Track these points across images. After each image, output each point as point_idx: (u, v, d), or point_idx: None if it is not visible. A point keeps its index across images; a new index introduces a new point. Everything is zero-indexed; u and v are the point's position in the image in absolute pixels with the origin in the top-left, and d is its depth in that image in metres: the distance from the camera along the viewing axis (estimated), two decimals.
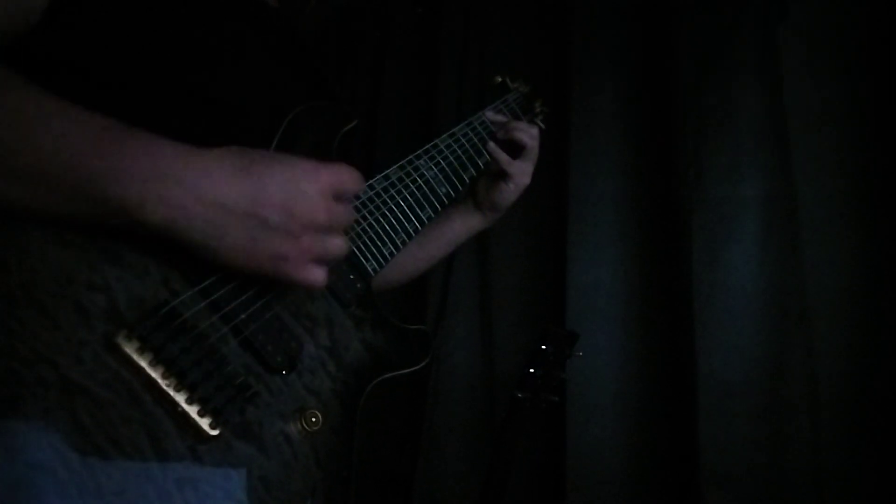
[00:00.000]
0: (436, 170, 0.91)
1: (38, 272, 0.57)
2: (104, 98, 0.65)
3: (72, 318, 0.57)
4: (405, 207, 0.84)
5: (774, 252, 1.60)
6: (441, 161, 0.93)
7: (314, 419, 0.68)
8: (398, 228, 0.82)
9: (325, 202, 0.64)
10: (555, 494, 1.70)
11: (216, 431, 0.61)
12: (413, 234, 0.84)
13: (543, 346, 1.34)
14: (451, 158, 0.94)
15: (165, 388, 0.60)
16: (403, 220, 0.83)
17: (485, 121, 1.03)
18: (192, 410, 0.60)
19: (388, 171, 0.85)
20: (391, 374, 0.77)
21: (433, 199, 0.89)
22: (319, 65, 0.86)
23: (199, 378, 0.61)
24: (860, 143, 1.62)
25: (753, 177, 1.64)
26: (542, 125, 1.15)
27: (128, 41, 0.68)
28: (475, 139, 1.00)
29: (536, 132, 1.05)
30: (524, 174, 1.04)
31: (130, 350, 0.58)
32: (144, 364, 0.59)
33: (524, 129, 1.04)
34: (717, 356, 1.57)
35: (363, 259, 0.78)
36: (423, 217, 0.86)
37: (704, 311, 1.59)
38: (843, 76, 1.65)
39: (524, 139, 1.03)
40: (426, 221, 0.87)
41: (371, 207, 0.80)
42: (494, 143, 1.02)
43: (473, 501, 1.36)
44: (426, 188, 0.88)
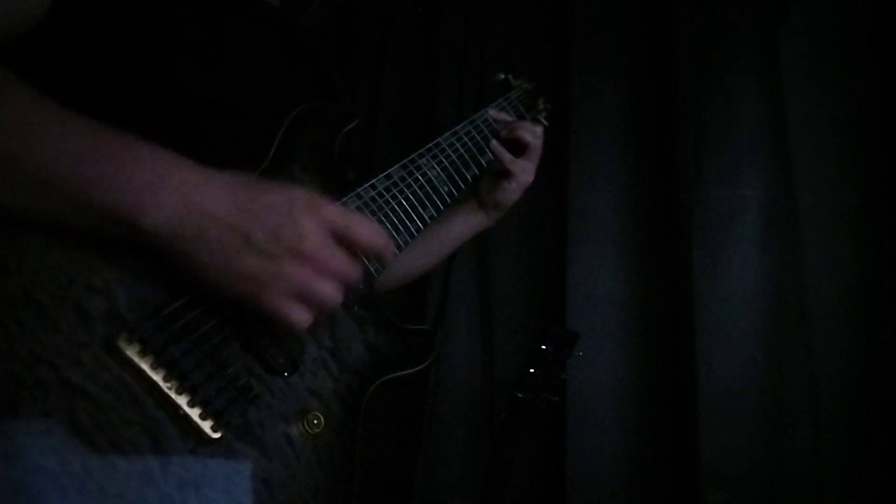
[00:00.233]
0: (438, 169, 0.90)
1: (38, 274, 0.56)
2: (105, 99, 0.65)
3: (72, 320, 0.57)
4: (407, 207, 0.83)
5: (774, 252, 1.60)
6: (444, 160, 0.92)
7: (316, 421, 0.68)
8: (400, 228, 0.82)
9: (319, 236, 0.60)
10: (555, 494, 1.69)
11: (218, 434, 0.61)
12: (415, 234, 0.84)
13: (543, 346, 1.34)
14: (454, 157, 0.94)
15: (167, 391, 0.59)
16: (406, 220, 0.83)
17: (488, 119, 1.02)
18: (194, 413, 0.60)
19: (391, 171, 0.84)
20: (394, 375, 0.77)
21: (435, 199, 0.88)
22: (321, 64, 0.86)
23: (201, 380, 0.61)
24: (860, 144, 1.62)
25: (753, 177, 1.64)
26: (546, 122, 1.14)
27: (129, 41, 0.68)
28: (478, 137, 0.99)
29: (540, 131, 1.04)
30: (527, 173, 1.03)
31: (131, 352, 0.58)
32: (146, 366, 0.59)
33: (528, 128, 1.03)
34: (717, 356, 1.57)
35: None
36: (426, 216, 0.86)
37: (704, 312, 1.59)
38: (843, 76, 1.65)
39: (528, 138, 1.02)
40: (428, 221, 0.86)
41: (373, 207, 0.80)
42: (497, 142, 1.01)
43: (473, 501, 1.35)
44: (428, 187, 0.87)
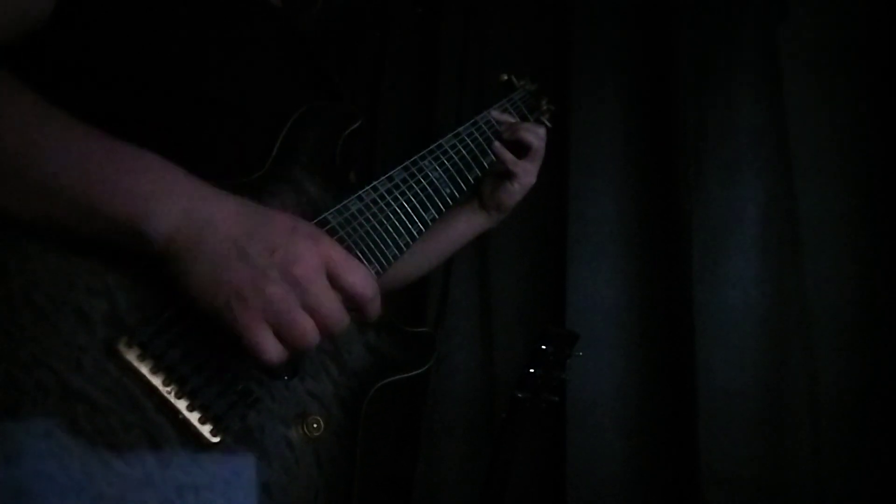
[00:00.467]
0: (440, 170, 0.89)
1: (39, 277, 0.56)
2: (108, 100, 0.65)
3: (72, 324, 0.56)
4: (409, 209, 0.83)
5: (774, 252, 1.60)
6: (446, 161, 0.91)
7: (316, 424, 0.68)
8: (402, 231, 0.81)
9: (313, 265, 0.58)
10: (555, 494, 1.69)
11: (217, 438, 0.61)
12: (417, 236, 0.83)
13: (543, 346, 1.33)
14: (456, 159, 0.93)
15: (166, 395, 0.59)
16: (407, 222, 0.82)
17: (490, 120, 1.02)
18: (194, 417, 0.60)
19: (392, 173, 0.83)
20: (394, 378, 0.76)
21: (438, 201, 0.87)
22: (323, 64, 0.85)
23: (201, 384, 0.61)
24: (860, 144, 1.62)
25: (753, 177, 1.64)
26: (549, 123, 1.13)
27: (131, 43, 0.67)
28: (480, 139, 0.99)
29: (543, 132, 1.04)
30: (530, 174, 1.03)
31: (131, 356, 0.58)
32: (145, 371, 0.58)
33: (531, 130, 1.02)
34: (717, 356, 1.57)
35: (366, 262, 0.77)
36: (428, 218, 0.85)
37: (704, 311, 1.59)
38: (843, 76, 1.65)
39: (531, 139, 1.01)
40: (430, 223, 0.86)
41: (375, 209, 0.79)
42: (500, 143, 1.01)
43: (473, 502, 1.35)
44: (430, 189, 0.87)
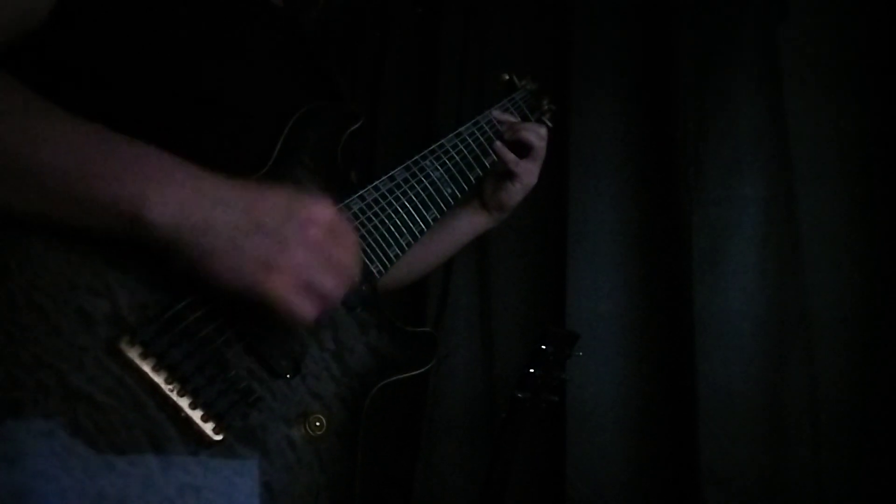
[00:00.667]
0: (442, 170, 0.90)
1: (40, 277, 0.56)
2: (109, 99, 0.65)
3: (74, 324, 0.56)
4: (411, 209, 0.83)
5: (774, 251, 1.60)
6: (447, 161, 0.92)
7: (318, 423, 0.68)
8: (403, 230, 0.81)
9: (325, 225, 0.60)
10: (555, 494, 1.69)
11: (220, 436, 0.61)
12: (419, 236, 0.83)
13: (543, 346, 1.33)
14: (458, 159, 0.93)
15: (168, 393, 0.59)
16: (409, 222, 0.82)
17: (491, 120, 1.02)
18: (196, 415, 0.60)
19: (394, 172, 0.84)
20: (396, 378, 0.76)
21: (439, 200, 0.88)
22: (325, 64, 0.85)
23: (203, 383, 0.61)
24: (860, 144, 1.62)
25: (753, 177, 1.64)
26: (550, 123, 1.13)
27: (132, 43, 0.67)
28: (482, 139, 0.99)
29: (545, 132, 1.04)
30: (531, 174, 1.03)
31: (133, 355, 0.58)
32: (147, 369, 0.58)
33: (532, 130, 1.02)
34: (717, 356, 1.57)
35: (368, 261, 0.77)
36: (429, 218, 0.85)
37: (704, 311, 1.59)
38: (844, 76, 1.65)
39: (532, 139, 1.02)
40: (431, 223, 0.86)
41: (377, 209, 0.79)
42: (501, 143, 1.01)
43: (473, 501, 1.35)
44: (432, 189, 0.87)
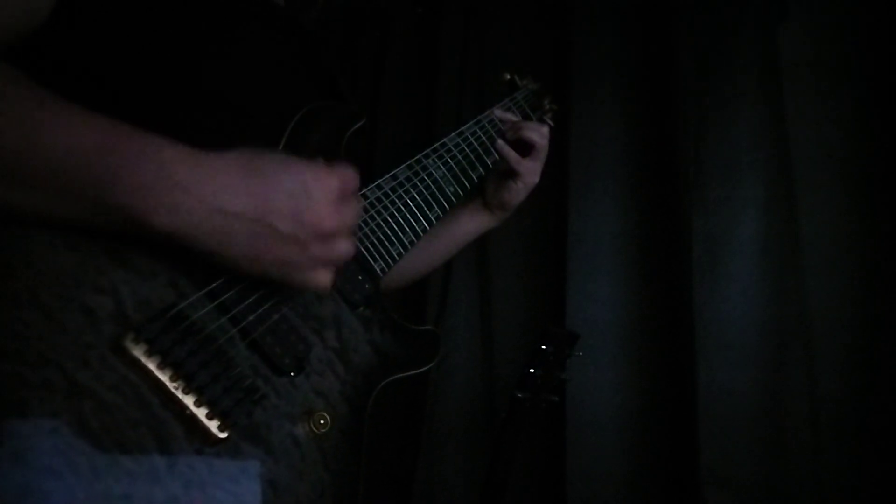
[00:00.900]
0: (444, 169, 0.90)
1: (45, 275, 0.56)
2: (111, 99, 0.65)
3: (78, 321, 0.56)
4: (413, 207, 0.83)
5: (774, 252, 1.60)
6: (449, 160, 0.92)
7: (322, 421, 0.68)
8: (406, 228, 0.81)
9: (334, 207, 0.64)
10: (555, 494, 1.69)
11: (225, 434, 0.61)
12: (421, 234, 0.84)
13: (543, 346, 1.33)
14: (460, 157, 0.93)
15: (174, 391, 0.59)
16: (412, 220, 0.83)
17: (493, 119, 1.02)
18: (201, 413, 0.60)
19: (396, 171, 0.84)
20: (399, 376, 0.77)
21: (441, 199, 0.88)
22: (326, 64, 0.85)
23: (208, 381, 0.61)
24: (861, 144, 1.62)
25: (753, 177, 1.64)
26: (552, 123, 1.14)
27: (134, 41, 0.67)
28: (484, 138, 0.99)
29: (546, 131, 1.04)
30: (533, 173, 1.03)
31: (138, 353, 0.58)
32: (152, 367, 0.58)
33: (534, 128, 1.02)
34: (717, 356, 1.57)
35: (371, 260, 0.78)
36: (432, 217, 0.86)
37: (704, 311, 1.59)
38: (844, 76, 1.65)
39: (534, 138, 1.02)
40: (434, 221, 0.86)
41: (379, 207, 0.80)
42: (503, 142, 1.01)
43: (473, 501, 1.35)
44: (434, 187, 0.87)
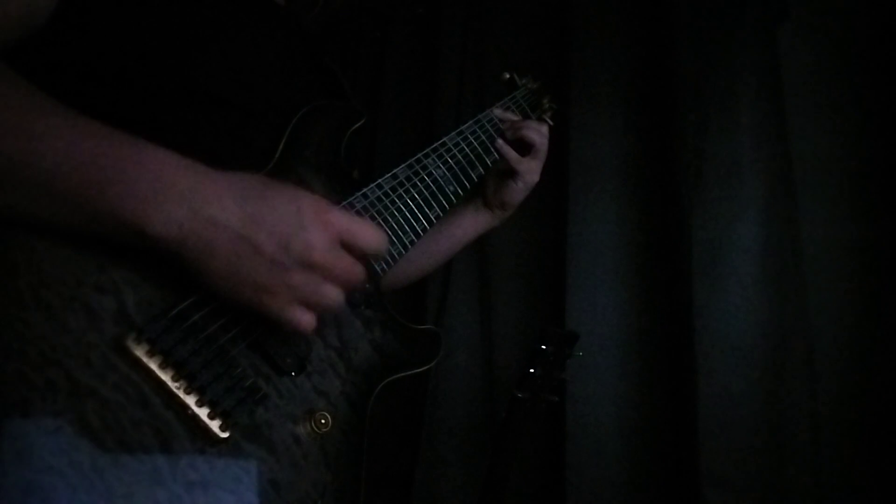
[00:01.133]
0: (444, 168, 0.90)
1: (47, 274, 0.56)
2: (111, 99, 0.65)
3: (81, 321, 0.57)
4: (413, 207, 0.84)
5: (774, 252, 1.60)
6: (449, 159, 0.92)
7: (323, 421, 0.68)
8: (406, 228, 0.82)
9: (328, 244, 0.60)
10: (555, 494, 1.69)
11: (226, 434, 0.61)
12: (421, 234, 0.84)
13: (543, 346, 1.34)
14: (460, 157, 0.94)
15: (175, 391, 0.59)
16: (412, 220, 0.83)
17: (493, 118, 1.02)
18: (203, 413, 0.60)
19: (396, 170, 0.84)
20: (400, 375, 0.77)
21: (441, 198, 0.88)
22: (327, 63, 0.86)
23: (209, 380, 0.61)
24: (861, 144, 1.62)
25: (753, 177, 1.64)
26: (551, 122, 1.14)
27: (135, 41, 0.68)
28: (483, 137, 0.99)
29: (546, 130, 1.04)
30: (533, 172, 1.03)
31: (140, 353, 0.58)
32: (154, 366, 0.59)
33: (534, 128, 1.03)
34: (717, 357, 1.57)
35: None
36: (432, 216, 0.86)
37: (704, 312, 1.59)
38: (844, 75, 1.65)
39: (534, 137, 1.02)
40: (434, 221, 0.86)
41: (379, 207, 0.80)
42: (503, 141, 1.01)
43: (473, 501, 1.35)
44: (434, 187, 0.87)
